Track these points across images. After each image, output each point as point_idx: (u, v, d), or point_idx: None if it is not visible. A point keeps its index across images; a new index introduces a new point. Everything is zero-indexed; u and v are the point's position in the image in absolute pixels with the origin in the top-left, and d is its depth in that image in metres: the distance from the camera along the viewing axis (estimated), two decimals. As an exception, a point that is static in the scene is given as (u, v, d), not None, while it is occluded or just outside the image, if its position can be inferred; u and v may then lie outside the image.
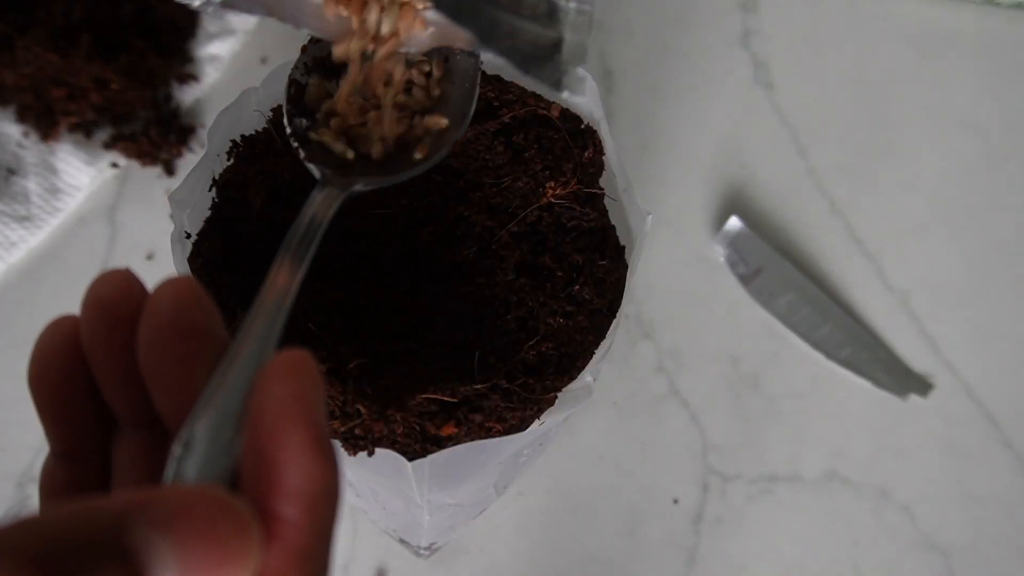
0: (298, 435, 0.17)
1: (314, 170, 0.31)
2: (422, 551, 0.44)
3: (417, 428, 0.32)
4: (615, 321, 0.35)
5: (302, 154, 0.32)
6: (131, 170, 0.53)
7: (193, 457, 0.18)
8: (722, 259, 0.51)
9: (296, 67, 0.34)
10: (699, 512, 0.47)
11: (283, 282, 0.23)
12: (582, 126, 0.38)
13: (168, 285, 0.20)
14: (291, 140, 0.32)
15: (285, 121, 0.33)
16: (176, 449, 0.18)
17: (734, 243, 0.51)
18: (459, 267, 0.37)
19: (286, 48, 0.54)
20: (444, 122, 0.33)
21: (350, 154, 0.32)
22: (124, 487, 0.21)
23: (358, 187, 0.30)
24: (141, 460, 0.21)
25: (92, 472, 0.22)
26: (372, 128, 0.33)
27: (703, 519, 0.47)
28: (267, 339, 0.21)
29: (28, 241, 0.51)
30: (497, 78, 0.40)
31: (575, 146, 0.38)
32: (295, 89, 0.34)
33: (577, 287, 0.35)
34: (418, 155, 0.32)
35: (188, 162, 0.53)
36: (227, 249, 0.35)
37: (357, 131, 0.33)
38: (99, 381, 0.21)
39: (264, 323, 0.21)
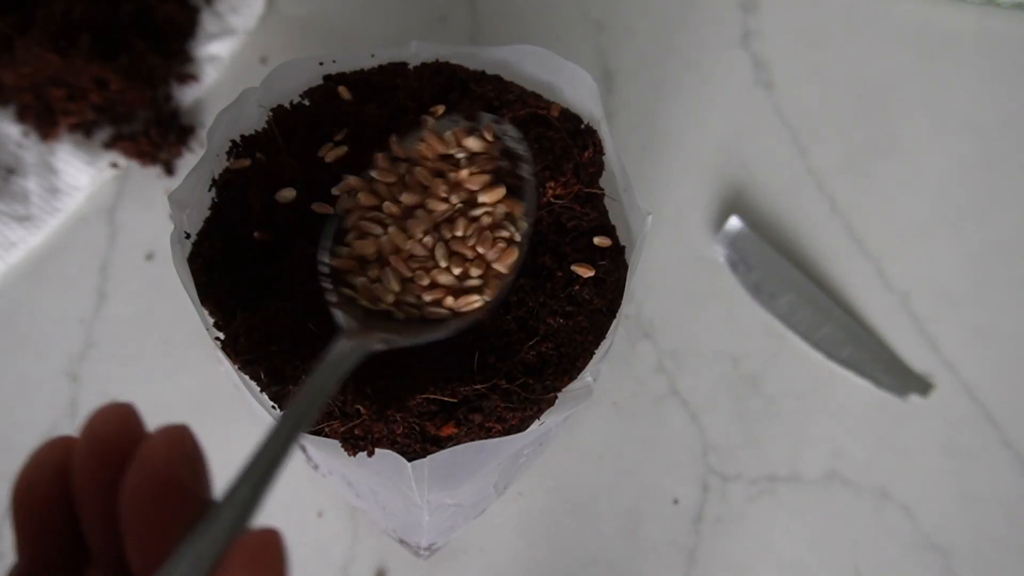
0: None
1: (340, 318, 0.31)
2: (422, 551, 0.43)
3: (417, 428, 0.32)
4: (615, 321, 0.35)
5: (333, 299, 0.32)
6: (131, 170, 0.53)
7: None
8: (722, 259, 0.51)
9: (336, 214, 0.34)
10: (699, 512, 0.47)
11: (272, 453, 0.22)
12: (582, 126, 0.38)
13: (163, 434, 0.20)
14: (323, 281, 0.32)
15: (321, 256, 0.33)
16: None
17: (734, 243, 0.51)
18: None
19: (286, 48, 0.54)
20: (476, 303, 0.33)
21: (380, 305, 0.32)
22: None
23: (378, 347, 0.30)
24: None
25: None
26: (411, 290, 0.33)
27: (703, 519, 0.47)
28: (244, 510, 0.20)
29: (28, 241, 0.51)
30: (497, 78, 0.40)
31: (575, 146, 0.38)
32: (337, 229, 0.34)
33: (577, 287, 0.35)
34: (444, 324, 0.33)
35: (188, 162, 0.53)
36: (227, 249, 0.35)
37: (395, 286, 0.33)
38: (80, 513, 0.21)
39: (245, 492, 0.21)
